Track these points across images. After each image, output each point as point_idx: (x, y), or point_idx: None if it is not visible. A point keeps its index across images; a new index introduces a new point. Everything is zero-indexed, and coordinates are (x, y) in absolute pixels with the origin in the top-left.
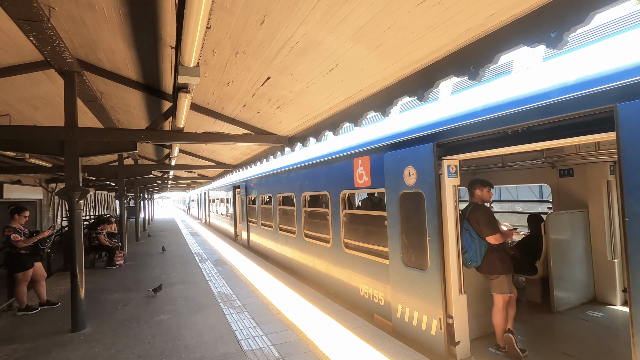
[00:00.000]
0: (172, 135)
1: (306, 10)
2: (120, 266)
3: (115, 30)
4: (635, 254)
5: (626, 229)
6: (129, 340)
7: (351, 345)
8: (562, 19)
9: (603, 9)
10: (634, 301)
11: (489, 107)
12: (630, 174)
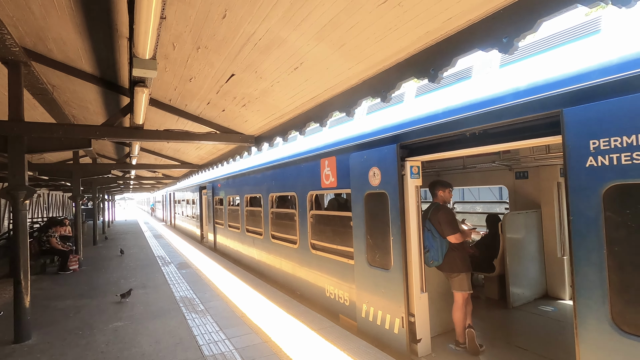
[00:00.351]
0: (131, 132)
1: (268, 6)
2: (75, 271)
3: (65, 18)
4: (578, 250)
5: (570, 227)
6: (79, 350)
7: (316, 347)
8: (513, 26)
9: (550, 17)
10: (577, 295)
11: (448, 110)
12: (574, 175)
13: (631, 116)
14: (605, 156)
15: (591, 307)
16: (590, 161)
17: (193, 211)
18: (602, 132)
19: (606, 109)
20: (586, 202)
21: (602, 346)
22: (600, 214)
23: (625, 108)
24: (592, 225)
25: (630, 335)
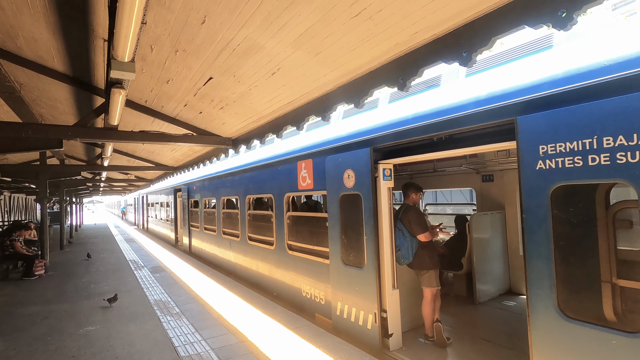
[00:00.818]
0: (105, 133)
1: (247, 13)
2: (40, 276)
3: (38, 18)
4: (529, 245)
5: (523, 224)
6: (48, 355)
7: (292, 344)
8: (471, 41)
9: (502, 35)
10: (529, 286)
11: (417, 116)
12: (526, 177)
13: (573, 124)
14: (552, 160)
15: (541, 296)
16: (539, 164)
17: (167, 214)
18: (549, 139)
19: (553, 118)
20: (536, 201)
21: (550, 330)
22: (548, 212)
23: (568, 117)
24: (541, 222)
25: (573, 320)
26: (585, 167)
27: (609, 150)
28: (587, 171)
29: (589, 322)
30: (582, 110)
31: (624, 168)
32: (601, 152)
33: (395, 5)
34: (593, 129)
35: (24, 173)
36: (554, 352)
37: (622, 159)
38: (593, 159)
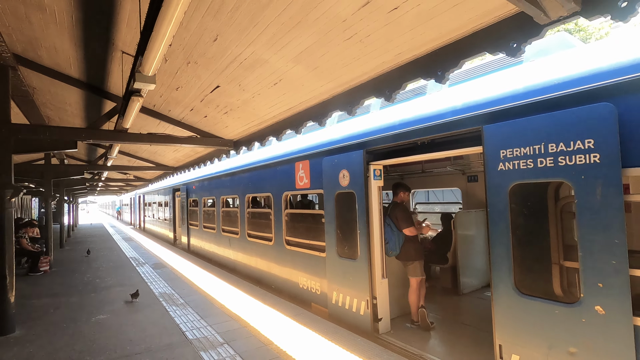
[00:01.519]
0: (116, 135)
1: (255, 34)
2: (45, 272)
3: (63, 32)
4: (492, 234)
5: (488, 216)
6: (67, 338)
7: (290, 329)
8: (444, 63)
9: (469, 59)
10: (492, 268)
11: (404, 123)
12: (490, 176)
13: (526, 133)
14: (510, 162)
15: (501, 277)
16: (500, 166)
17: (165, 213)
18: (508, 144)
19: (511, 127)
20: (498, 197)
21: (508, 305)
22: (507, 206)
23: (523, 127)
24: (502, 214)
25: (526, 295)
26: (535, 168)
27: (553, 155)
28: (537, 172)
29: (539, 297)
30: (532, 122)
31: (564, 169)
32: (547, 156)
33: (381, 32)
34: (541, 137)
35: (29, 172)
36: (510, 322)
37: (562, 162)
38: (541, 161)
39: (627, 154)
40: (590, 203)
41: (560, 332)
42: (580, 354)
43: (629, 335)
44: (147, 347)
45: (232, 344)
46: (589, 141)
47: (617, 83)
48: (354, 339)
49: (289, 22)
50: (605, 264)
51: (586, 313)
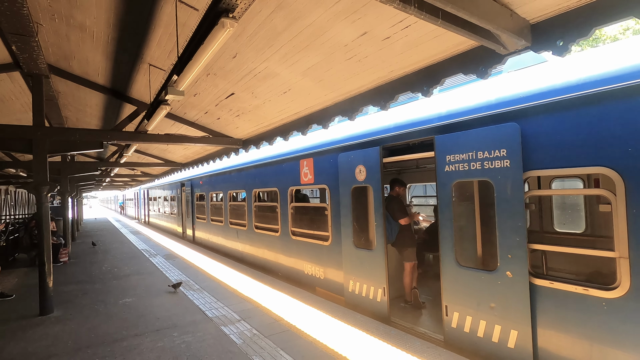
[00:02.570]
0: (137, 135)
1: (269, 53)
2: (65, 263)
3: (98, 47)
4: (441, 220)
5: (437, 207)
6: (102, 317)
7: (297, 308)
8: (428, 80)
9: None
10: (441, 247)
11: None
12: (439, 176)
13: (462, 143)
14: (453, 165)
15: (447, 253)
16: (446, 168)
17: (172, 208)
18: (451, 151)
19: (452, 138)
20: (444, 192)
21: (451, 275)
22: (450, 199)
23: (460, 138)
24: (447, 205)
25: (463, 267)
26: (469, 170)
27: (481, 160)
28: (470, 173)
29: (472, 267)
30: (467, 135)
31: (488, 171)
32: (477, 161)
33: (376, 54)
34: (472, 147)
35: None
36: (452, 288)
37: (487, 165)
38: (473, 165)
39: (526, 161)
40: (503, 196)
41: (484, 292)
42: (497, 307)
43: (527, 290)
44: (173, 324)
45: (247, 321)
46: (503, 150)
47: (520, 109)
48: (351, 314)
49: (299, 45)
50: (512, 240)
51: (501, 277)
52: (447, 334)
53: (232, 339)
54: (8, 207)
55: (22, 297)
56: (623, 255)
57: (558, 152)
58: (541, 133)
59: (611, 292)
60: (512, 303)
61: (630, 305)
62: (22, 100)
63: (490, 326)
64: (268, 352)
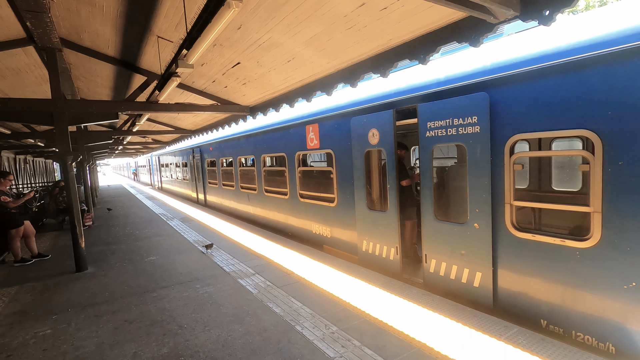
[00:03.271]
0: (149, 105)
1: (273, 24)
2: (90, 227)
3: (107, 21)
4: (423, 180)
5: (420, 169)
6: (131, 272)
7: (305, 263)
8: (425, 48)
9: (444, 45)
10: (422, 204)
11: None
12: (422, 140)
13: (441, 111)
14: (433, 131)
15: (427, 209)
16: (427, 133)
17: (184, 173)
18: (431, 118)
19: (433, 106)
20: (425, 155)
21: (430, 227)
22: (431, 161)
23: (439, 107)
24: (427, 167)
25: (440, 220)
26: (446, 135)
27: (456, 126)
28: (447, 138)
29: (446, 221)
30: (444, 103)
31: (462, 136)
32: (452, 127)
33: (375, 24)
34: (449, 114)
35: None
36: (430, 239)
37: (461, 131)
38: (449, 131)
39: (510, 126)
40: (473, 158)
41: (456, 242)
42: (467, 254)
43: (489, 239)
44: (195, 277)
45: (261, 274)
46: (474, 117)
47: (489, 79)
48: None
49: (301, 16)
50: (480, 197)
51: (470, 228)
52: (425, 278)
53: (249, 289)
54: (28, 175)
55: (57, 256)
56: (597, 210)
57: (544, 116)
58: (525, 99)
59: (584, 243)
60: (478, 250)
61: (599, 252)
62: (36, 73)
63: (461, 270)
64: (281, 299)
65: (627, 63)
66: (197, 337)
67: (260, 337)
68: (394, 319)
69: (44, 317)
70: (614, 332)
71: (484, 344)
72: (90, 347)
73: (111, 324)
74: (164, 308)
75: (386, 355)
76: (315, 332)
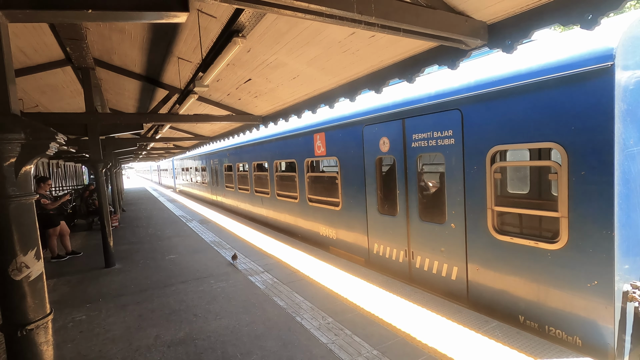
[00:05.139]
0: (170, 117)
1: (278, 48)
2: (116, 227)
3: (135, 45)
4: (409, 187)
5: (406, 176)
6: (153, 270)
7: (311, 263)
8: (412, 69)
9: (427, 66)
10: (409, 207)
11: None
12: (407, 149)
13: (423, 125)
14: (417, 142)
15: (413, 210)
16: (413, 144)
17: (203, 177)
18: (416, 131)
19: (417, 121)
20: (412, 162)
21: (415, 227)
22: (416, 168)
23: (422, 121)
24: (413, 174)
25: (424, 221)
26: (428, 146)
27: (435, 138)
28: (429, 148)
29: (430, 222)
30: (426, 118)
31: (440, 147)
32: (432, 139)
33: (367, 48)
34: (429, 128)
35: None
36: (416, 237)
37: (440, 142)
38: (430, 142)
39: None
40: (450, 166)
41: (437, 240)
42: (446, 250)
43: (463, 238)
44: (210, 274)
45: (270, 272)
46: (450, 131)
47: (461, 97)
48: (353, 266)
49: (301, 42)
50: (455, 200)
51: (447, 228)
52: (412, 273)
53: (257, 285)
54: (60, 179)
55: (88, 254)
56: (564, 215)
57: (516, 130)
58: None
59: (554, 245)
60: (455, 246)
61: (566, 254)
62: (71, 88)
63: (441, 265)
64: (285, 294)
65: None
66: (209, 324)
67: (264, 326)
68: (384, 312)
69: (79, 306)
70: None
71: (462, 335)
72: (119, 331)
73: (136, 312)
74: (182, 300)
75: (372, 342)
76: (312, 322)
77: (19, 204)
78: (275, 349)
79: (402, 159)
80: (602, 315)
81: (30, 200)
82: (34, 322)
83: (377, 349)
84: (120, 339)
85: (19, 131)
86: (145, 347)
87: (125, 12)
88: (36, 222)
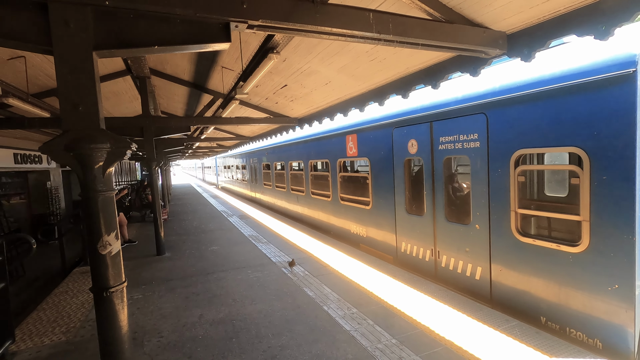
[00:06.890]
0: (215, 120)
1: (310, 57)
2: (165, 220)
3: (185, 57)
4: (436, 188)
5: (433, 177)
6: (197, 258)
7: (341, 258)
8: (437, 75)
9: (452, 74)
10: (436, 208)
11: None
12: (434, 152)
13: (449, 129)
14: (444, 145)
15: (439, 211)
16: (440, 147)
17: (243, 175)
18: (443, 134)
19: (443, 124)
20: (439, 164)
21: (441, 227)
22: (442, 170)
23: (448, 125)
24: (440, 175)
25: (450, 222)
26: (454, 148)
27: (462, 141)
28: (455, 151)
29: (455, 222)
30: (452, 122)
31: (466, 150)
32: (459, 142)
33: (392, 57)
34: (456, 131)
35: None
36: (442, 237)
37: (466, 145)
38: (456, 145)
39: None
40: (475, 169)
41: (462, 240)
42: (471, 251)
43: (487, 239)
44: (247, 264)
45: (301, 265)
46: (475, 134)
47: (486, 102)
48: (380, 262)
49: (331, 52)
50: (479, 202)
51: (472, 229)
52: (437, 272)
53: (289, 276)
54: (117, 174)
55: (142, 242)
56: (585, 218)
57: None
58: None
59: (576, 248)
60: (479, 248)
61: (588, 257)
62: (129, 94)
63: (465, 264)
64: (315, 285)
65: (610, 89)
66: (245, 308)
67: (294, 312)
68: (406, 307)
69: (136, 287)
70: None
71: (480, 331)
72: (169, 309)
73: (183, 295)
74: (222, 286)
75: (392, 332)
76: (338, 311)
77: (105, 197)
78: (303, 332)
79: (429, 160)
80: (622, 318)
81: (112, 194)
82: (114, 287)
83: (397, 338)
84: (170, 316)
85: (106, 142)
86: (191, 324)
87: (180, 46)
88: (115, 211)
